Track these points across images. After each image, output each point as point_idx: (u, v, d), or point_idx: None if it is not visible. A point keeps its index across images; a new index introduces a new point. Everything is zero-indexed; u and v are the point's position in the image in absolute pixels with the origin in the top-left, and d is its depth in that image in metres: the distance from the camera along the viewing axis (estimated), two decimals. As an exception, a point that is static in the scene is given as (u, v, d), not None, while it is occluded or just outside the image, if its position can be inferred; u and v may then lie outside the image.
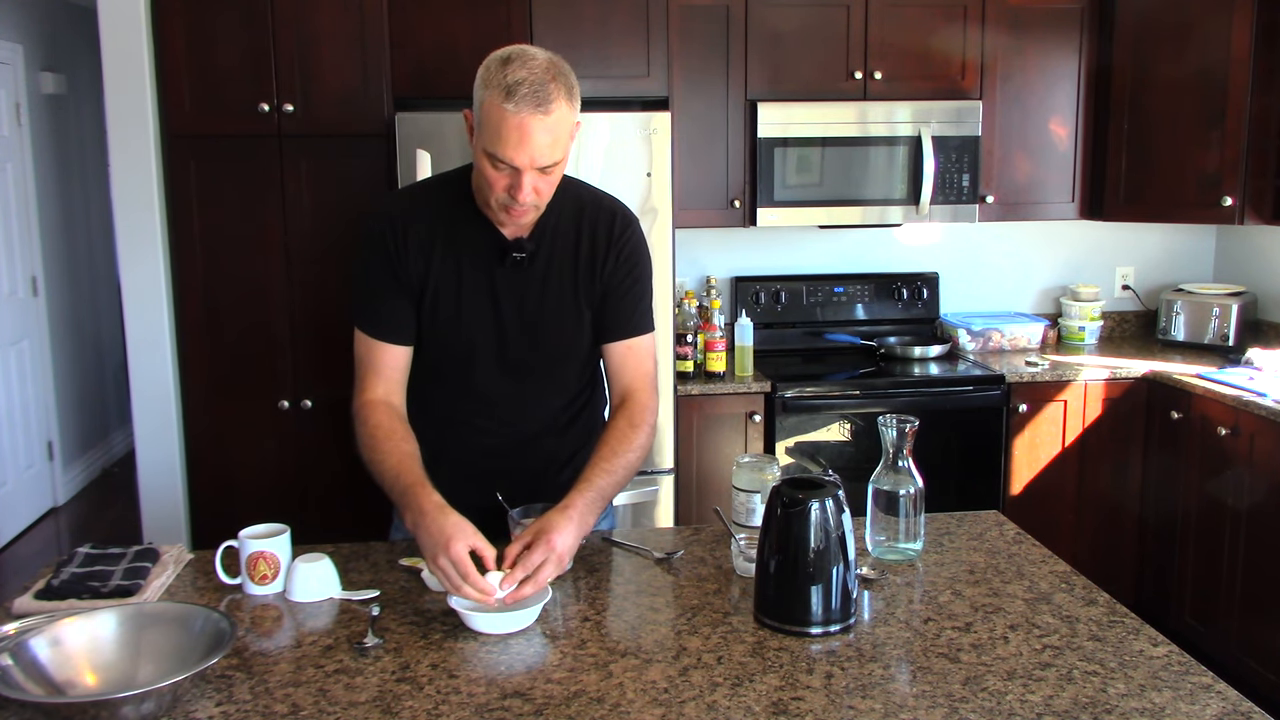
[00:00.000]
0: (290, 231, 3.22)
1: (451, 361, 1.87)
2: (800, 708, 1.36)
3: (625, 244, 1.86)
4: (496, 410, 1.90)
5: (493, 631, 1.56)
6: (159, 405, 3.27)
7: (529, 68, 1.61)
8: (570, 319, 1.86)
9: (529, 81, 1.60)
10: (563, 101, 1.63)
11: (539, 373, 1.89)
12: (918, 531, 1.83)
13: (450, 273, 1.81)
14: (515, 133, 1.61)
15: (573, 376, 1.94)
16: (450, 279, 1.81)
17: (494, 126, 1.62)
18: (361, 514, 3.23)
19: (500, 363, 1.86)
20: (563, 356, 1.90)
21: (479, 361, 1.86)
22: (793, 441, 3.45)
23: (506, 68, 1.61)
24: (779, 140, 3.54)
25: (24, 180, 5.03)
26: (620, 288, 1.87)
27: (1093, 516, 3.62)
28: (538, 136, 1.62)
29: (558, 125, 1.64)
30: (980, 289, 4.17)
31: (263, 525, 1.76)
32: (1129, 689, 1.40)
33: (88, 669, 1.38)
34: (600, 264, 1.85)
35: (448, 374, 1.88)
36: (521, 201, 1.68)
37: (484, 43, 3.21)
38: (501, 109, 1.60)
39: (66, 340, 5.46)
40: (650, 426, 1.87)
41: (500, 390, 1.88)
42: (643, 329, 1.91)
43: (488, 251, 1.80)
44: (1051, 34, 3.72)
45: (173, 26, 3.10)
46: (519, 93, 1.59)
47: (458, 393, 1.89)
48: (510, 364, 1.86)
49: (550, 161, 1.66)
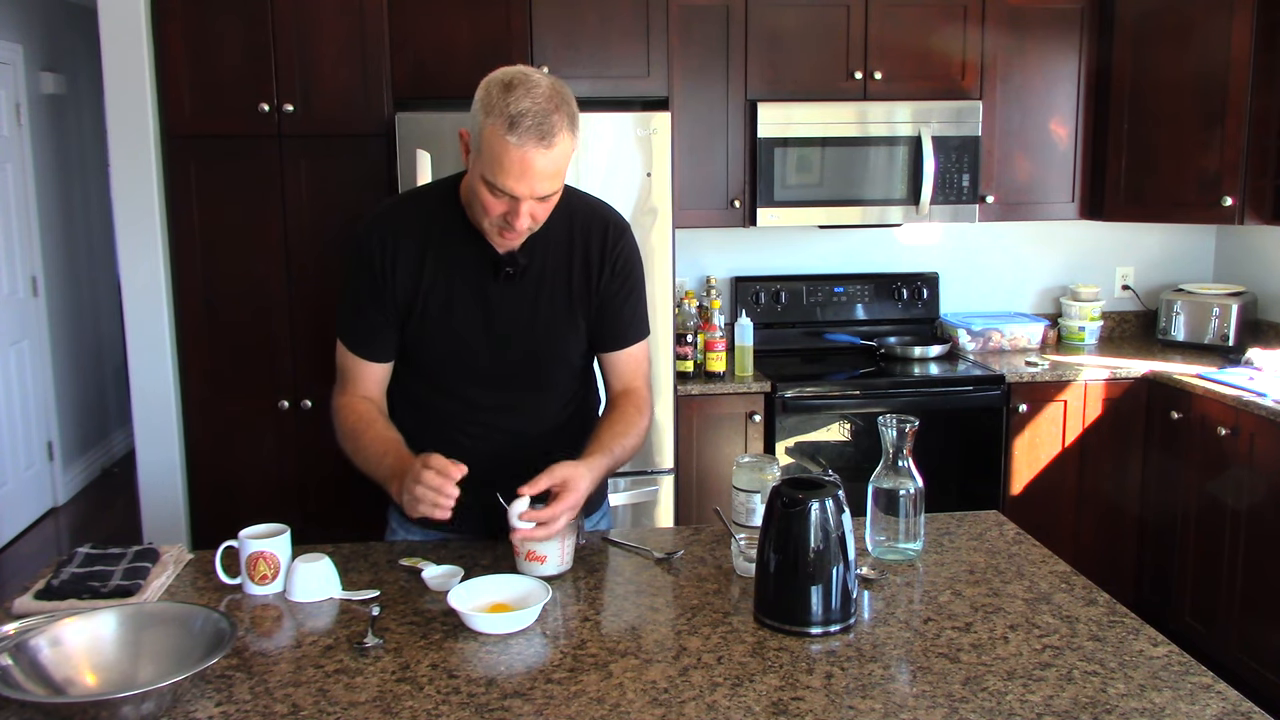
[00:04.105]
0: (290, 231, 3.22)
1: (444, 373, 1.86)
2: (800, 708, 1.36)
3: (619, 254, 1.86)
4: (490, 418, 1.89)
5: (493, 631, 1.56)
6: (159, 405, 3.27)
7: (532, 97, 1.58)
8: (564, 329, 1.86)
9: (532, 113, 1.57)
10: (565, 133, 1.61)
11: (533, 381, 1.89)
12: (918, 531, 1.83)
13: (442, 287, 1.80)
14: (517, 165, 1.59)
15: (566, 382, 1.93)
16: (441, 293, 1.80)
17: (495, 156, 1.59)
18: (361, 514, 3.24)
19: (493, 374, 1.85)
20: (557, 365, 1.90)
21: (471, 373, 1.85)
22: (793, 441, 3.45)
23: (509, 95, 1.58)
24: (779, 140, 3.54)
25: (24, 180, 5.03)
26: (616, 299, 1.87)
27: (1093, 516, 3.62)
28: (539, 168, 1.60)
29: (560, 158, 1.63)
30: (980, 289, 4.17)
31: (263, 525, 1.76)
32: (1129, 689, 1.40)
33: (88, 669, 1.38)
34: (595, 275, 1.84)
35: (441, 385, 1.88)
36: (518, 229, 1.68)
37: (484, 43, 3.25)
38: (504, 140, 1.57)
39: (66, 340, 5.46)
40: (650, 418, 1.92)
41: (493, 399, 1.88)
42: (640, 335, 1.92)
43: (479, 265, 1.79)
44: (1051, 34, 3.72)
45: (173, 27, 3.11)
46: (522, 125, 1.56)
47: (451, 402, 1.89)
48: (503, 374, 1.86)
49: (550, 191, 1.66)
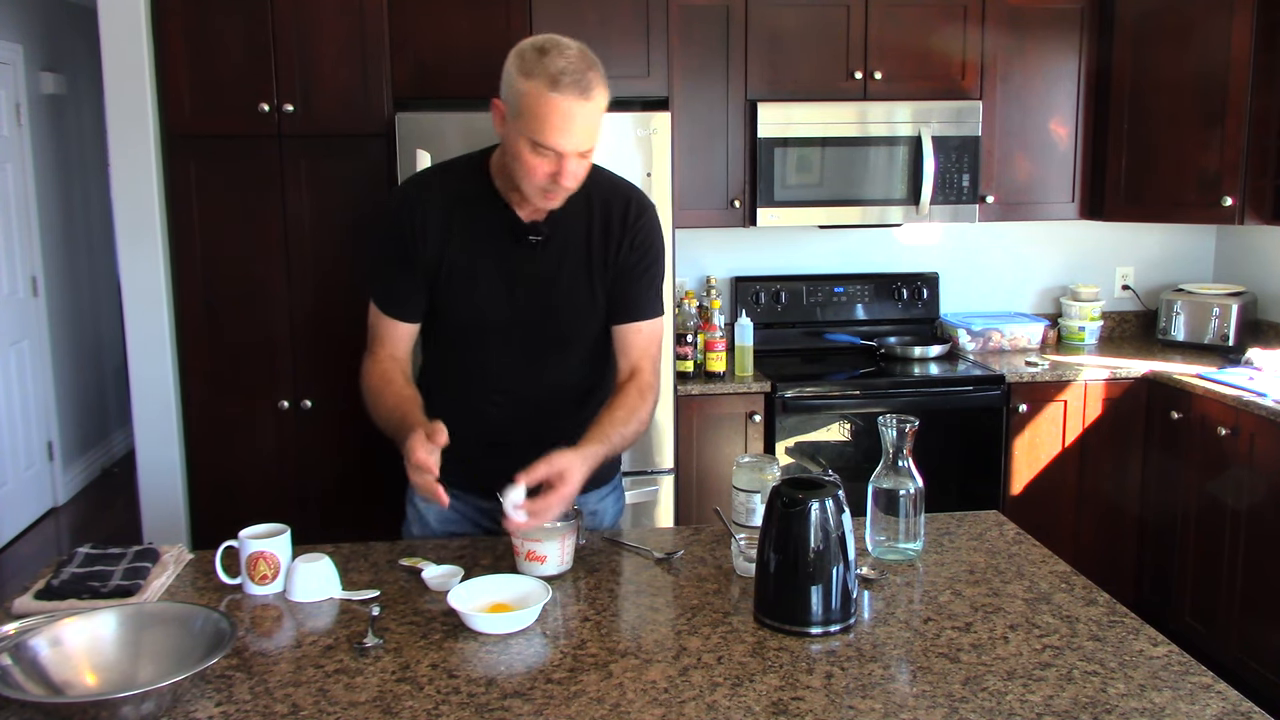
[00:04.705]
0: (290, 231, 3.22)
1: (465, 342, 1.92)
2: (800, 708, 1.35)
3: (639, 229, 1.91)
4: (509, 389, 1.94)
5: (493, 631, 1.56)
6: (159, 405, 3.27)
7: (567, 57, 1.68)
8: (583, 300, 1.91)
9: (570, 70, 1.67)
10: (601, 88, 1.72)
11: (552, 353, 1.94)
12: (918, 531, 1.83)
13: (466, 255, 1.86)
14: (562, 119, 1.67)
15: (585, 356, 1.97)
16: (466, 261, 1.86)
17: (539, 115, 1.68)
18: (361, 514, 3.24)
19: (514, 343, 1.91)
20: (575, 337, 1.94)
21: (492, 342, 1.91)
22: (793, 441, 3.45)
23: (546, 58, 1.68)
24: (779, 140, 3.54)
25: (24, 180, 5.03)
26: (633, 272, 1.91)
27: (1093, 516, 3.62)
28: (581, 122, 1.69)
29: (597, 112, 1.73)
30: (980, 289, 4.17)
31: (263, 525, 1.76)
32: (1129, 689, 1.40)
33: (88, 669, 1.38)
34: (614, 248, 1.90)
35: (461, 353, 1.94)
36: (564, 185, 1.74)
37: (484, 43, 3.24)
38: (549, 97, 1.67)
39: (66, 340, 5.46)
40: (654, 404, 1.93)
41: (513, 370, 1.93)
42: (653, 313, 1.95)
43: (503, 234, 1.86)
44: (1051, 34, 3.72)
45: (172, 26, 3.10)
46: (563, 81, 1.66)
47: (471, 372, 1.94)
48: (523, 344, 1.91)
49: (591, 145, 1.75)
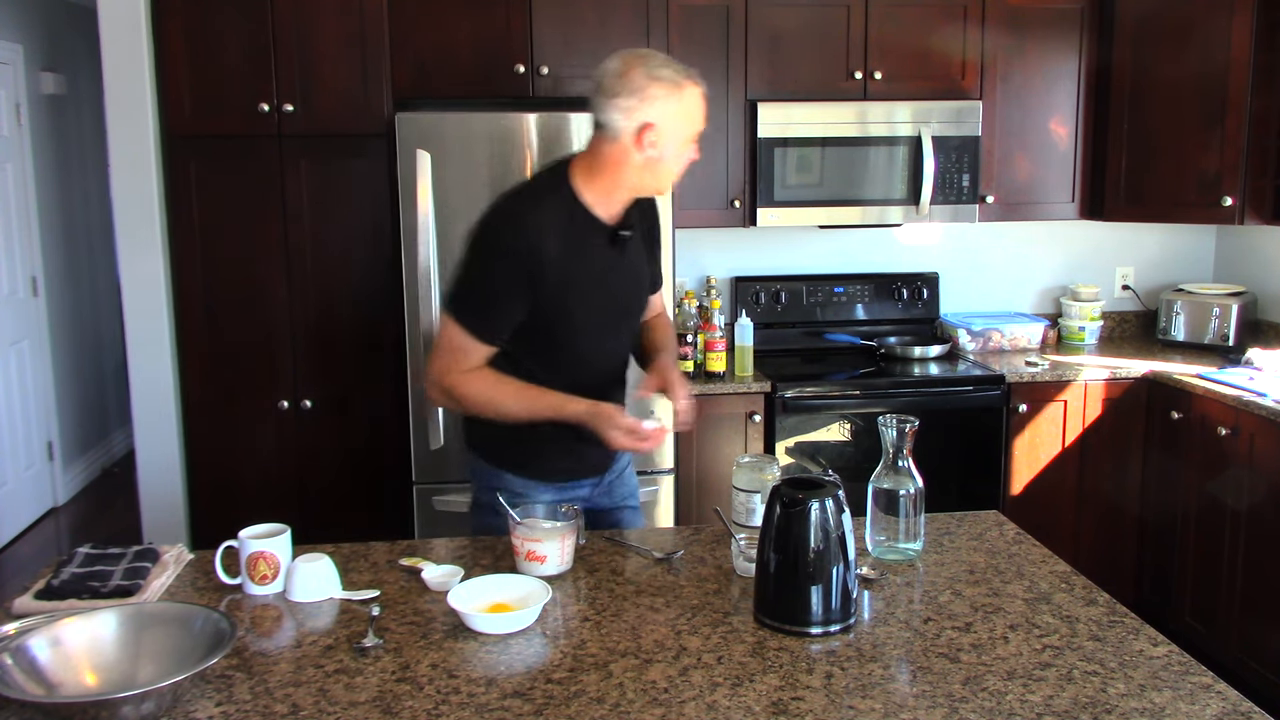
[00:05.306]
0: (290, 231, 3.22)
1: (560, 340, 2.03)
2: (800, 708, 1.36)
3: (656, 209, 2.21)
4: (587, 373, 2.08)
5: (493, 631, 1.56)
6: (159, 405, 3.27)
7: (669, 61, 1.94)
8: (645, 278, 2.18)
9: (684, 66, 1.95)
10: None
11: (626, 333, 2.18)
12: (918, 531, 1.83)
13: (568, 264, 1.96)
14: (703, 107, 1.97)
15: (635, 332, 2.23)
16: (568, 269, 1.96)
17: (695, 111, 1.96)
18: (361, 514, 3.24)
19: (602, 334, 2.09)
20: (640, 312, 2.21)
21: (584, 336, 2.05)
22: (793, 441, 3.45)
23: (670, 68, 1.92)
24: (779, 140, 3.54)
25: (24, 180, 5.03)
26: (657, 244, 2.22)
27: (1093, 516, 3.62)
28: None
29: None
30: (980, 289, 4.17)
31: (263, 525, 1.77)
32: (1129, 689, 1.40)
33: (88, 669, 1.38)
34: (649, 226, 2.17)
35: (554, 352, 2.04)
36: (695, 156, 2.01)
37: (484, 43, 3.25)
38: (697, 92, 1.95)
39: (66, 340, 5.45)
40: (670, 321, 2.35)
41: (599, 356, 2.11)
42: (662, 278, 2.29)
43: (603, 240, 2.02)
44: (1051, 34, 3.72)
45: (173, 26, 3.11)
46: (694, 76, 1.95)
47: (561, 367, 2.04)
48: (612, 331, 2.12)
49: None
